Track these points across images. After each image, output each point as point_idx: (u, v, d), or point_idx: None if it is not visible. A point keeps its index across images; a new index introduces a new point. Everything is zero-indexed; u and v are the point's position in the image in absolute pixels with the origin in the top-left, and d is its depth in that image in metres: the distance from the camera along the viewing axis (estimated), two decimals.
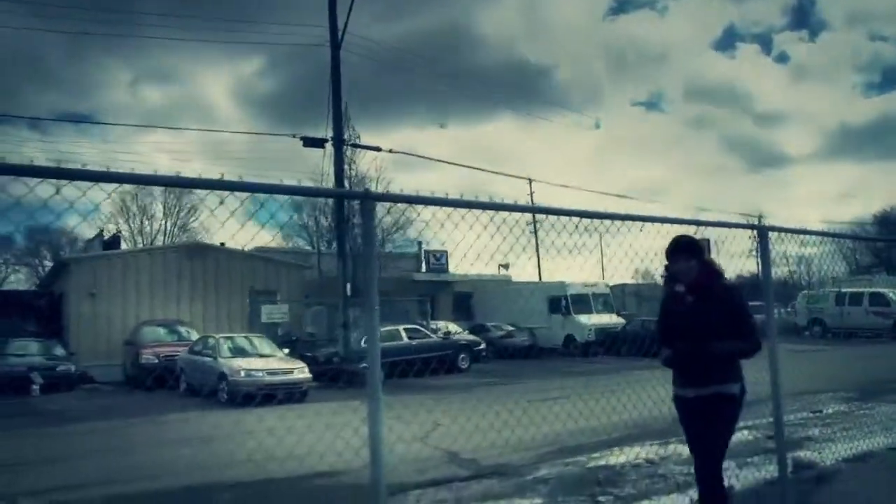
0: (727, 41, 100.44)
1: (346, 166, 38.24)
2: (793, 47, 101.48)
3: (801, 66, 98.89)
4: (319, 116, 79.06)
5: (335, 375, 18.23)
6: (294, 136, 19.06)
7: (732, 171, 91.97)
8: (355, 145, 20.42)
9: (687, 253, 3.98)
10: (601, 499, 6.13)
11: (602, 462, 7.81)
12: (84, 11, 62.00)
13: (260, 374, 15.43)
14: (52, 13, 57.56)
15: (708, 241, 4.80)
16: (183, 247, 27.53)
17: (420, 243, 36.68)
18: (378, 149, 20.88)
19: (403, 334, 20.76)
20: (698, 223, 6.62)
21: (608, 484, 6.68)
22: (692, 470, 6.91)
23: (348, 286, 19.33)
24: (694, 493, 5.93)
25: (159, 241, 54.52)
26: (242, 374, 15.38)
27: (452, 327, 25.59)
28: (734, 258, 5.46)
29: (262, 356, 16.67)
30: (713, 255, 4.51)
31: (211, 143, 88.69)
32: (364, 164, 30.96)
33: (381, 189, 34.64)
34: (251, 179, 3.54)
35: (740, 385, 3.92)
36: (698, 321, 3.88)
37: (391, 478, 6.85)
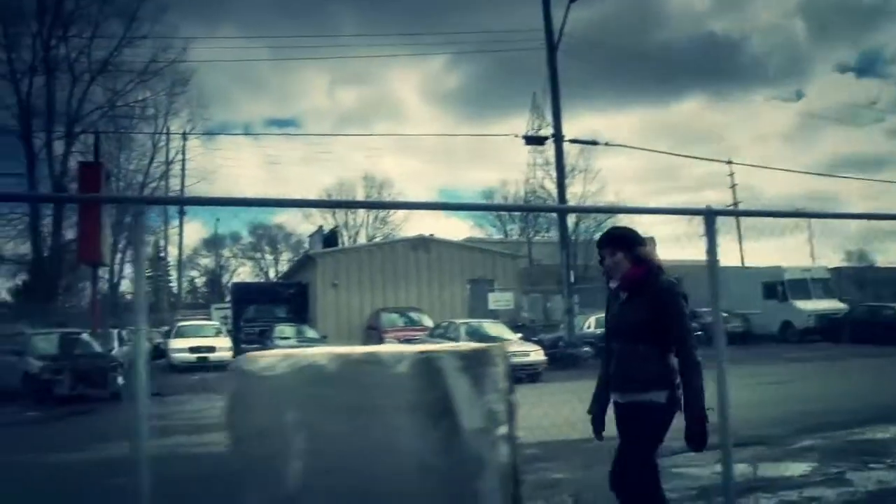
0: None
1: (532, 157, 39.77)
2: None
3: None
4: (505, 108, 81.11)
5: (561, 358, 19.60)
6: (516, 136, 20.51)
7: None
8: (574, 141, 21.52)
9: (611, 247, 3.67)
10: (873, 465, 6.82)
11: (862, 437, 8.30)
12: (290, 29, 68.04)
13: None
14: (261, 30, 63.79)
15: (653, 238, 4.25)
16: (409, 240, 30.12)
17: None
18: (595, 142, 21.90)
19: None
20: None
21: (874, 454, 7.29)
22: None
23: (572, 274, 20.51)
24: None
25: (362, 234, 58.90)
26: None
27: None
28: None
29: (500, 340, 18.25)
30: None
31: (404, 138, 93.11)
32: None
33: (583, 178, 35.65)
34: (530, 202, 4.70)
35: (667, 393, 3.47)
36: (626, 321, 3.60)
37: (667, 442, 8.01)
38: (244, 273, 67.38)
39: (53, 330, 18.86)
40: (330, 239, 39.10)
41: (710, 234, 4.73)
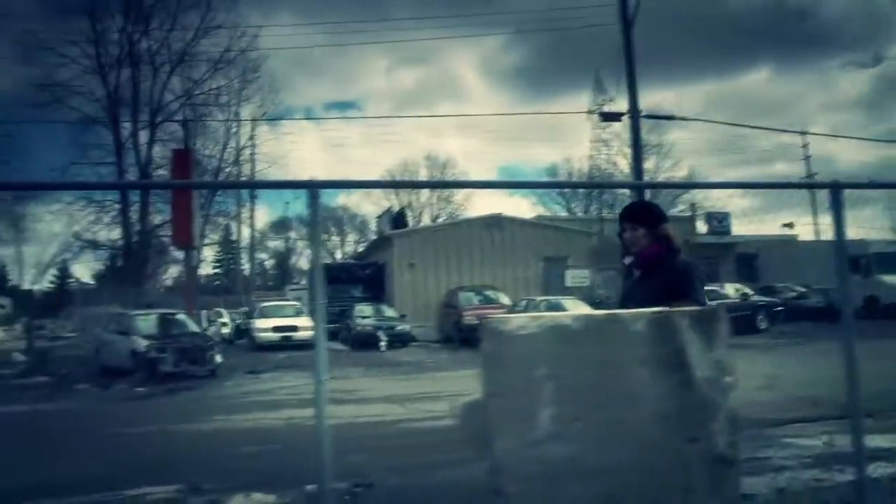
0: None
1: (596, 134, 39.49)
2: None
3: None
4: (564, 85, 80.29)
5: None
6: (591, 113, 20.47)
7: None
8: (650, 116, 21.38)
9: (633, 220, 3.54)
10: None
11: None
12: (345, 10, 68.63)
13: None
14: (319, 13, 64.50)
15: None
16: (482, 219, 30.41)
17: (694, 205, 36.64)
18: (672, 117, 21.70)
19: None
20: None
21: None
22: None
23: None
24: None
25: (426, 214, 59.46)
26: None
27: (748, 289, 25.82)
28: None
29: None
30: None
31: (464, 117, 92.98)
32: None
33: (656, 153, 35.18)
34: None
35: None
36: (636, 300, 3.35)
37: (766, 414, 8.16)
38: (308, 256, 68.87)
39: (152, 311, 19.85)
40: (398, 219, 39.70)
41: (837, 208, 4.74)
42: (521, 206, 75.88)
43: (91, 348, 19.81)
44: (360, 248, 62.86)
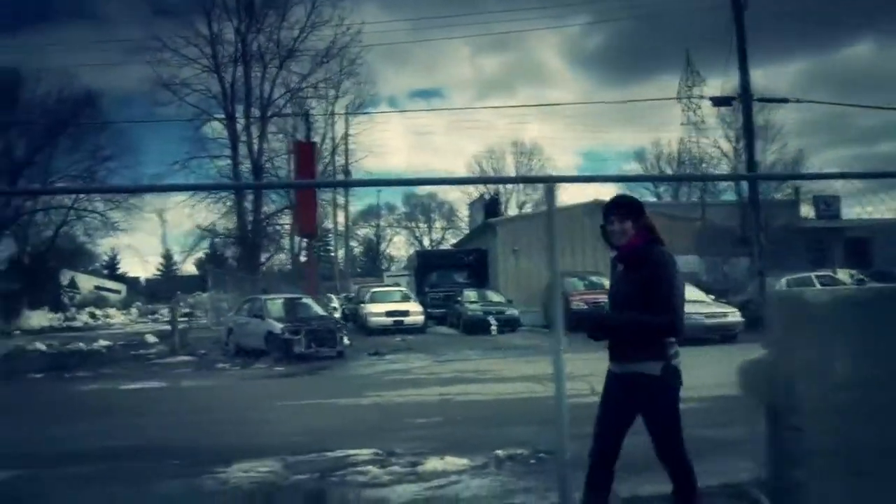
0: None
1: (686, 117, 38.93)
2: None
3: None
4: (649, 68, 78.87)
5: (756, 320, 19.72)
6: (703, 98, 20.48)
7: None
8: (762, 99, 21.18)
9: (620, 214, 3.61)
10: None
11: None
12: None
13: (699, 317, 17.36)
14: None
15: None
16: (582, 206, 30.63)
17: (798, 189, 35.84)
18: (785, 100, 21.39)
19: (816, 282, 21.42)
20: None
21: None
22: None
23: (762, 237, 20.44)
24: None
25: (513, 201, 59.77)
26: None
27: (863, 275, 25.26)
28: None
29: (695, 301, 18.62)
30: None
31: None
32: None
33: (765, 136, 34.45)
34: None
35: (663, 364, 3.40)
36: (621, 292, 3.57)
37: None
38: (399, 242, 70.36)
39: (280, 295, 21.07)
40: (490, 206, 40.27)
41: None
42: (601, 191, 75.21)
43: (223, 330, 21.10)
44: (448, 236, 63.81)
